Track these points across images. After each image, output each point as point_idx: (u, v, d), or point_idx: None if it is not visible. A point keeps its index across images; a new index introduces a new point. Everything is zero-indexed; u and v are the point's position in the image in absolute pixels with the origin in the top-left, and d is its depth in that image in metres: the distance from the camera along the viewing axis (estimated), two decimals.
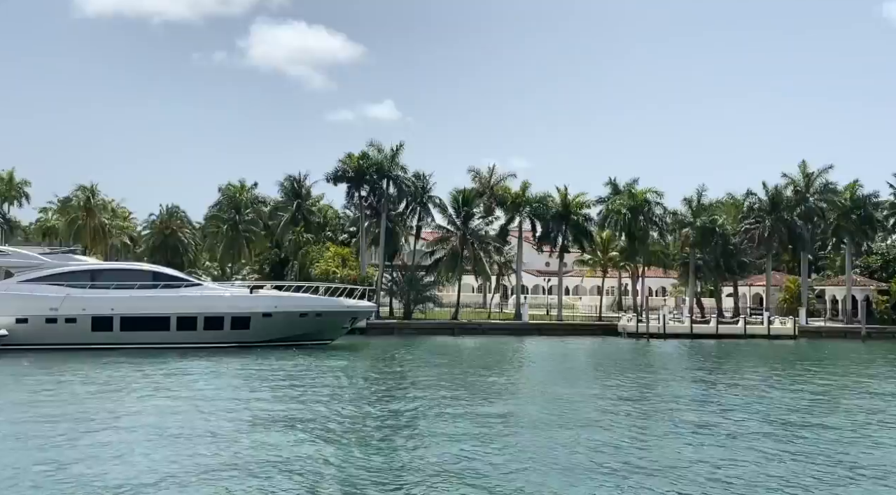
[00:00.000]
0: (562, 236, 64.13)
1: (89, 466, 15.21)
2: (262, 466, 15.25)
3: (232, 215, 61.34)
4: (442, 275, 62.62)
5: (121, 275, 40.41)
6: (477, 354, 43.69)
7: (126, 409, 22.38)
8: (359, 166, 59.44)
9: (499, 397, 26.23)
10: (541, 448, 17.45)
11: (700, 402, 26.23)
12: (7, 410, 22.12)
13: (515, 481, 14.22)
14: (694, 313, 64.59)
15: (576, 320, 65.21)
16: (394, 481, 14.34)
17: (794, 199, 67.60)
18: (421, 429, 19.80)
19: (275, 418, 21.04)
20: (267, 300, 41.71)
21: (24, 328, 37.55)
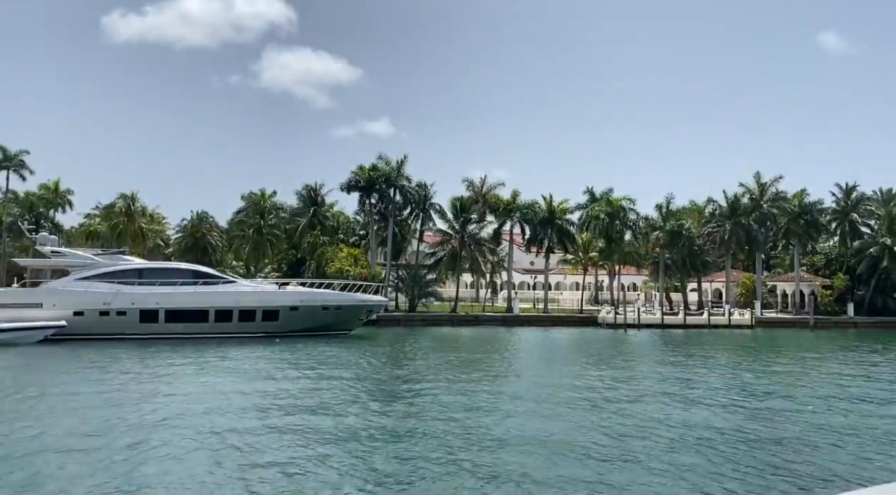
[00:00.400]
0: (548, 239, 65.04)
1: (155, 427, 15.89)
2: (296, 426, 16.08)
3: (257, 220, 61.73)
4: (443, 273, 63.31)
5: (165, 273, 40.86)
6: (474, 342, 44.31)
7: (184, 385, 22.95)
8: (369, 177, 60.07)
9: (498, 374, 26.99)
10: (530, 403, 18.25)
11: (675, 378, 27.06)
12: (85, 386, 22.64)
13: (503, 425, 15.20)
14: (663, 306, 65.62)
15: (560, 313, 66.08)
16: (407, 433, 15.24)
17: (750, 206, 68.83)
18: (430, 398, 20.70)
19: (308, 388, 21.91)
20: (293, 295, 42.24)
21: (81, 320, 37.92)
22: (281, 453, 13.69)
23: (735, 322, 60.66)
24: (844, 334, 58.72)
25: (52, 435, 15.11)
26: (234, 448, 14.05)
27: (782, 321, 65.98)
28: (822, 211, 71.07)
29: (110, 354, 31.88)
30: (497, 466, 12.77)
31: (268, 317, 41.08)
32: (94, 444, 14.20)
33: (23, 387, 22.04)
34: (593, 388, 23.36)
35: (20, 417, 17.11)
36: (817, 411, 19.40)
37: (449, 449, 14.03)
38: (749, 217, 67.79)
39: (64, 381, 23.62)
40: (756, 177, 69.93)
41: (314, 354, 33.68)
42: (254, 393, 21.08)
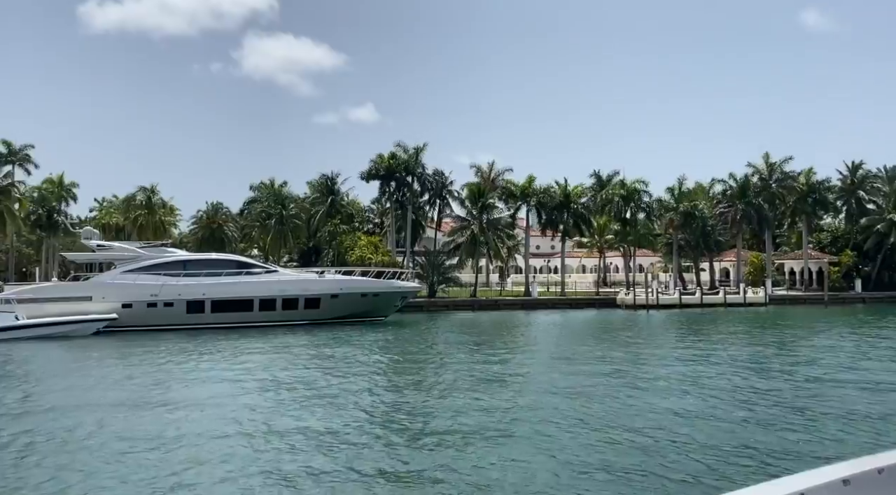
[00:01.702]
0: (563, 223, 66.54)
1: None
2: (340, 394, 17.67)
3: (278, 210, 62.72)
4: (463, 259, 64.62)
5: (209, 264, 41.85)
6: (504, 325, 45.31)
7: (246, 365, 24.16)
8: (389, 165, 61.13)
9: (534, 352, 28.45)
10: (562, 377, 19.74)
11: (699, 351, 28.65)
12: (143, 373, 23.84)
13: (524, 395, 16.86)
14: (680, 287, 67.52)
15: (577, 295, 67.75)
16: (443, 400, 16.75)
17: (759, 186, 70.81)
18: (461, 373, 22.40)
19: (356, 367, 23.44)
20: (334, 283, 43.41)
21: (130, 312, 38.91)
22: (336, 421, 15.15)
23: (749, 300, 62.68)
24: (854, 309, 60.92)
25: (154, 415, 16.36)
26: (286, 412, 15.60)
27: (793, 298, 68.11)
28: (829, 188, 73.19)
29: (174, 344, 32.98)
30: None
31: (310, 304, 42.28)
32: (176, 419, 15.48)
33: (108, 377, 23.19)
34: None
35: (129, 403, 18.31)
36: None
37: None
38: (759, 197, 69.76)
39: (149, 371, 24.78)
40: (765, 158, 71.86)
41: (360, 337, 35.02)
42: (313, 372, 22.60)
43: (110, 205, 73.57)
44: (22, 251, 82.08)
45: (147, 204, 62.59)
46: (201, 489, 10.68)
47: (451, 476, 10.97)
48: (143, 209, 62.50)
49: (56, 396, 18.97)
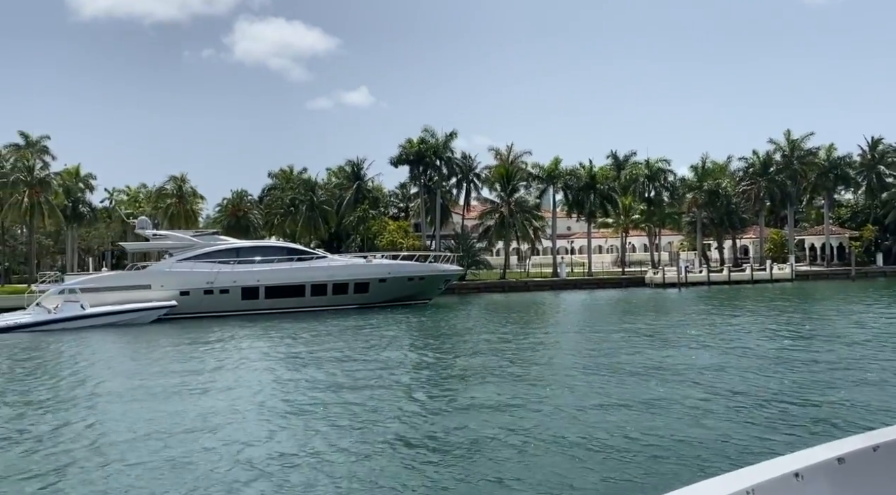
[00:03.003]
0: (590, 203, 67.95)
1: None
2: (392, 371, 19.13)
3: (308, 196, 63.91)
4: (493, 242, 66.02)
5: (261, 251, 43.08)
6: (539, 306, 45.63)
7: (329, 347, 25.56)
8: (419, 150, 62.29)
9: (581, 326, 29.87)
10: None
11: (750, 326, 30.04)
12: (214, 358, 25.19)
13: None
14: (708, 264, 69.14)
15: (605, 275, 69.31)
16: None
17: (781, 163, 72.27)
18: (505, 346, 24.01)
19: (407, 343, 24.87)
20: (382, 267, 44.69)
21: (187, 299, 40.13)
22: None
23: (776, 276, 64.34)
24: (878, 284, 62.56)
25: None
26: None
27: (816, 273, 69.81)
28: (849, 164, 74.70)
29: (246, 330, 34.31)
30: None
31: (359, 289, 43.62)
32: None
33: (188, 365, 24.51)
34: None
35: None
36: None
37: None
38: (781, 174, 71.25)
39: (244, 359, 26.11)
40: (786, 135, 73.24)
41: (412, 318, 36.43)
42: (370, 352, 23.99)
43: (124, 193, 74.71)
44: (42, 242, 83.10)
45: (178, 193, 63.66)
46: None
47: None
48: (173, 198, 63.57)
49: (154, 382, 20.08)
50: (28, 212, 53.35)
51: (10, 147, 71.25)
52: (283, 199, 72.78)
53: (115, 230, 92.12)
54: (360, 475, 10.20)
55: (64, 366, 24.33)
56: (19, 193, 54.11)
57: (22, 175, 54.51)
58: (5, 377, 22.46)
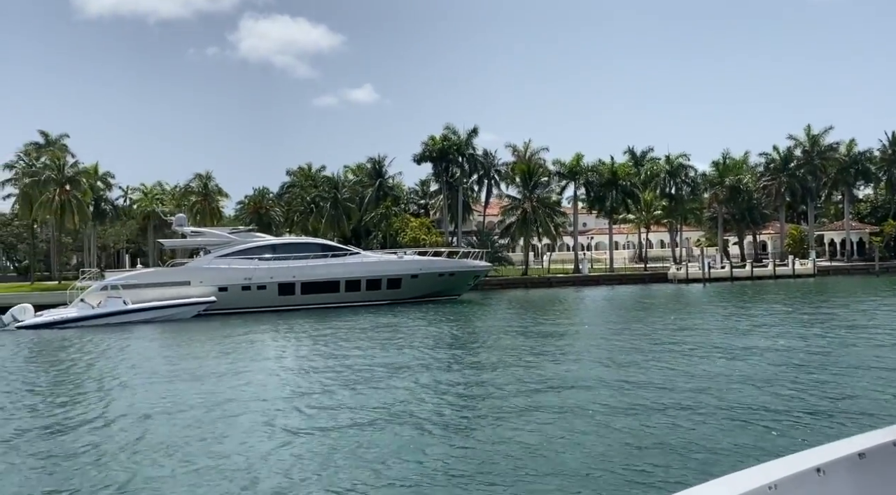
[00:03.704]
0: (612, 199, 68.65)
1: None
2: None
3: (332, 193, 64.85)
4: (516, 238, 66.80)
5: (296, 247, 44.01)
6: (565, 301, 46.33)
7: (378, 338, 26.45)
8: (442, 147, 63.15)
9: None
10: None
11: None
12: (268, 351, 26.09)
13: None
14: (730, 260, 69.84)
15: (627, 271, 70.06)
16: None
17: (802, 158, 72.90)
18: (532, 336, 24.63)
19: (433, 334, 25.71)
20: (414, 263, 45.58)
21: (225, 295, 41.06)
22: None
23: (798, 272, 65.01)
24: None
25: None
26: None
27: (837, 269, 70.44)
28: (870, 159, 75.22)
29: (289, 324, 35.25)
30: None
31: (391, 285, 44.51)
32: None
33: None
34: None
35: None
36: None
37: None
38: (801, 169, 71.88)
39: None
40: (807, 130, 73.76)
41: (445, 311, 37.33)
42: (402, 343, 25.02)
43: (139, 191, 75.89)
44: (62, 240, 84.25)
45: (203, 190, 64.67)
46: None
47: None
48: (199, 196, 64.56)
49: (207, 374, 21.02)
50: (59, 210, 54.33)
51: (31, 145, 72.37)
52: (303, 197, 73.75)
53: (130, 228, 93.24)
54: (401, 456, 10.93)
55: (113, 359, 25.10)
56: (49, 191, 55.08)
57: (53, 173, 55.48)
58: (62, 368, 23.51)
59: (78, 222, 56.03)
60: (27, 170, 58.42)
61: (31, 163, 59.77)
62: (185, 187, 67.59)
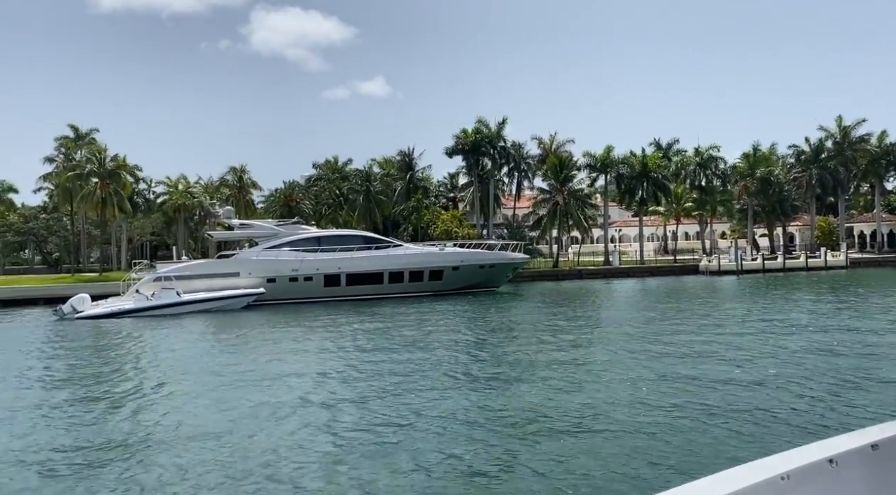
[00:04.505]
0: (643, 191, 69.39)
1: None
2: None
3: (364, 186, 66.03)
4: (547, 230, 67.70)
5: (340, 240, 45.16)
6: (603, 293, 47.38)
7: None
8: (475, 140, 64.09)
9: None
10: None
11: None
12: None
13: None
14: (762, 252, 70.45)
15: (657, 264, 70.82)
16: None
17: (833, 150, 73.31)
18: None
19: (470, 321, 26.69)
20: (455, 255, 46.63)
21: (273, 286, 42.30)
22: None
23: (830, 263, 65.58)
24: None
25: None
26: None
27: (868, 261, 70.90)
28: None
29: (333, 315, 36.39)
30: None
31: (433, 276, 45.61)
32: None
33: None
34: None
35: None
36: None
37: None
38: (832, 161, 72.31)
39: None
40: (838, 121, 74.14)
41: (490, 302, 38.35)
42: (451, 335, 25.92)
43: (163, 184, 77.53)
44: (90, 233, 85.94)
45: (237, 184, 66.00)
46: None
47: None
48: (233, 188, 65.91)
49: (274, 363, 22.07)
50: (101, 204, 55.76)
51: (61, 139, 73.90)
52: (331, 190, 74.99)
53: (155, 221, 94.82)
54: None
55: (172, 347, 26.10)
56: (91, 185, 56.50)
57: (94, 166, 56.89)
58: (127, 355, 24.47)
59: (118, 215, 57.37)
60: (68, 164, 59.82)
61: (70, 157, 61.16)
62: (221, 180, 68.89)
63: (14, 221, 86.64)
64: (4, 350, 26.44)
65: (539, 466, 9.98)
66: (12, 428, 13.54)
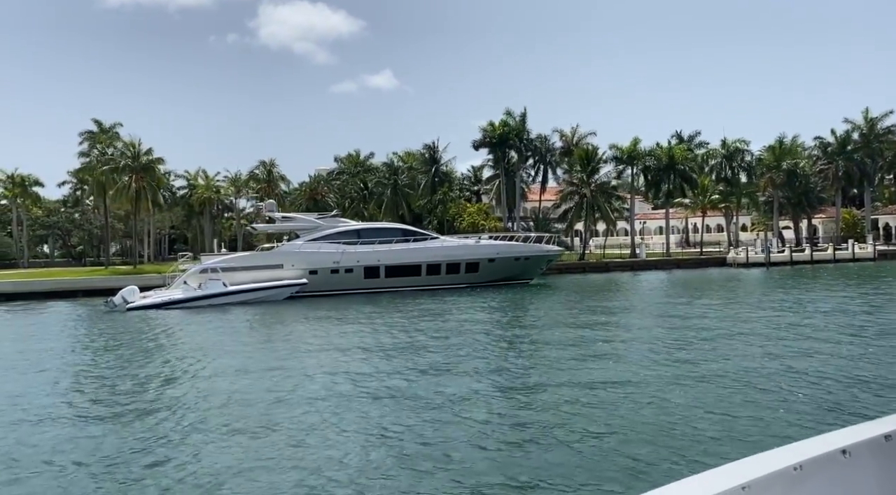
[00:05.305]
0: (669, 184, 70.21)
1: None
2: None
3: (392, 179, 67.10)
4: (573, 223, 68.61)
5: (379, 232, 46.21)
6: (630, 285, 48.16)
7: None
8: (502, 133, 64.98)
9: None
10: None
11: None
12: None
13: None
14: (789, 245, 71.23)
15: (684, 256, 71.69)
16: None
17: (860, 142, 73.90)
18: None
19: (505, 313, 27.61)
20: (491, 248, 47.59)
21: (315, 278, 43.39)
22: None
23: (858, 255, 66.30)
24: None
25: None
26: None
27: (895, 253, 71.58)
28: None
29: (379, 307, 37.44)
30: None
31: (470, 268, 46.62)
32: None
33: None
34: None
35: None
36: None
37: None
38: (858, 153, 72.90)
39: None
40: (864, 114, 74.72)
41: (531, 295, 39.31)
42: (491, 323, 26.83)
43: (183, 178, 78.86)
44: (114, 226, 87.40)
45: (267, 178, 67.18)
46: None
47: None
48: (262, 182, 67.09)
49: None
50: (135, 198, 57.00)
51: (86, 134, 75.17)
52: (355, 183, 76.08)
53: (176, 214, 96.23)
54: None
55: (227, 335, 27.03)
56: (124, 179, 57.71)
57: (129, 161, 58.11)
58: (189, 343, 25.25)
59: (151, 208, 58.62)
60: (101, 158, 61.05)
61: (103, 152, 62.41)
62: (250, 174, 70.08)
63: (39, 215, 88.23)
64: (71, 340, 27.54)
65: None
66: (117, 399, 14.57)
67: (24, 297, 47.75)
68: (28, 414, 13.96)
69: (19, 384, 17.71)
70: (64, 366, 20.78)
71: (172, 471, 10.05)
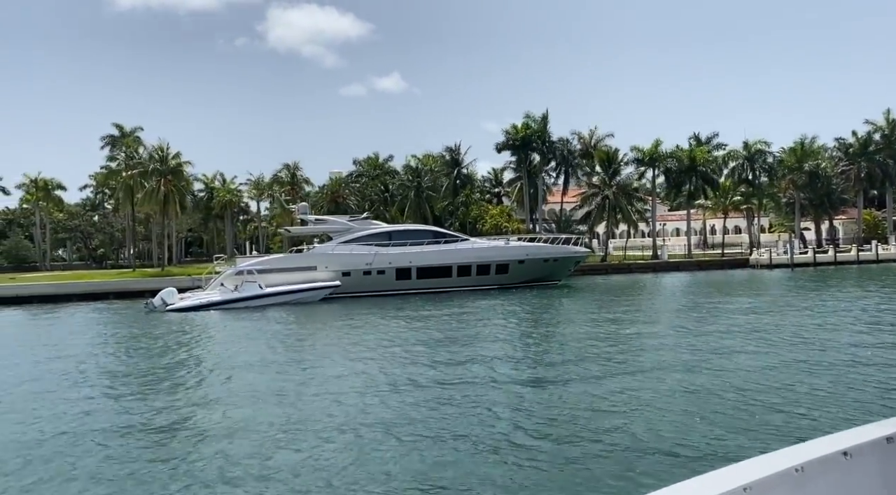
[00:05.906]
0: (690, 185, 70.73)
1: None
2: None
3: (415, 182, 67.97)
4: (595, 224, 69.24)
5: (410, 234, 46.96)
6: (652, 288, 48.80)
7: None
8: (525, 135, 65.75)
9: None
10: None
11: None
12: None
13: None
14: (812, 246, 71.64)
15: (706, 258, 72.16)
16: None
17: (882, 143, 74.33)
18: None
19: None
20: (521, 249, 48.25)
21: (348, 279, 44.14)
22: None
23: (882, 257, 66.63)
24: None
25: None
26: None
27: None
28: None
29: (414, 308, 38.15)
30: None
31: (500, 270, 47.29)
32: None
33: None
34: None
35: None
36: None
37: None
38: (881, 154, 73.33)
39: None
40: (886, 114, 75.13)
41: (558, 296, 39.96)
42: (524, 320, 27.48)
43: (200, 181, 79.94)
44: (135, 229, 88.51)
45: (290, 181, 68.14)
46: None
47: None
48: (286, 185, 68.06)
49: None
50: (164, 201, 57.98)
51: (107, 138, 76.27)
52: (375, 186, 77.00)
53: (193, 217, 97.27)
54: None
55: (267, 335, 27.81)
56: (153, 182, 58.71)
57: (157, 164, 59.12)
58: (237, 342, 25.95)
59: (179, 211, 59.60)
60: (129, 162, 62.10)
61: (131, 155, 63.46)
62: (274, 177, 71.06)
63: (60, 218, 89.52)
64: (118, 340, 28.32)
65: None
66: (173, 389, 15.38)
67: (61, 299, 48.71)
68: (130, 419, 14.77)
69: (98, 387, 18.39)
70: (128, 366, 21.69)
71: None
